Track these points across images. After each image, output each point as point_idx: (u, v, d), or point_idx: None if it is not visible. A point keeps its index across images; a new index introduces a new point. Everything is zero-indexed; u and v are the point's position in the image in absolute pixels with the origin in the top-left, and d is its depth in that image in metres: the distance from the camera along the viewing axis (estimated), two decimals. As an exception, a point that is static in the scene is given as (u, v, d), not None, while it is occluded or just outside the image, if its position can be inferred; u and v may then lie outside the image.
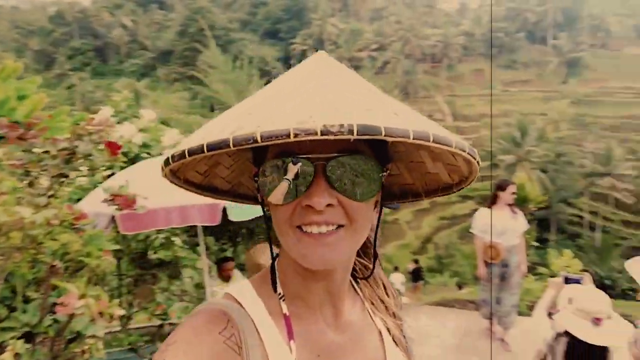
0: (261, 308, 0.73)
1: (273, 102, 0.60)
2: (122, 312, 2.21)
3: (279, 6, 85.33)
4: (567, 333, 2.74)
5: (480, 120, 54.72)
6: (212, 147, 0.55)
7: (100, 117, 2.11)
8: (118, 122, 5.02)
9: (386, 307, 0.86)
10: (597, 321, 2.61)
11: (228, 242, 6.75)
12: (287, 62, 79.63)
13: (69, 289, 1.90)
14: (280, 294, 0.74)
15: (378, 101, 0.62)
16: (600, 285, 3.33)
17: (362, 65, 74.70)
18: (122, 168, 4.38)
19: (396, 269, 17.47)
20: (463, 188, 0.76)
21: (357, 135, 0.51)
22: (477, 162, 0.66)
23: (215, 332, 0.67)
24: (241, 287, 0.77)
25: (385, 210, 0.78)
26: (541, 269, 11.19)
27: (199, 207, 3.50)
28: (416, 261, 19.17)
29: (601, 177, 40.93)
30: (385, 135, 0.52)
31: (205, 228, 4.72)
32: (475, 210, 5.77)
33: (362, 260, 0.85)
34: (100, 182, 4.16)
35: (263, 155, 0.68)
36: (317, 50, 0.73)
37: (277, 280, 0.74)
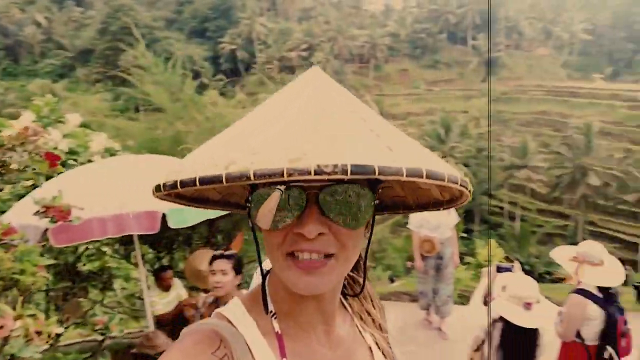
0: (253, 327, 0.72)
1: (266, 132, 0.60)
2: (60, 330, 2.10)
3: (206, 4, 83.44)
4: (501, 319, 2.95)
5: (407, 118, 56.72)
6: (204, 181, 0.55)
7: (33, 126, 1.98)
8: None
9: (374, 320, 0.87)
10: (528, 306, 2.84)
11: (164, 250, 6.52)
12: (216, 61, 78.15)
13: (4, 310, 1.77)
14: (272, 312, 0.74)
15: (371, 132, 0.61)
16: (521, 271, 3.62)
17: (293, 65, 74.94)
18: (47, 178, 4.11)
19: None
20: (453, 207, 0.76)
21: (351, 175, 0.52)
22: (470, 191, 0.67)
23: (208, 352, 0.67)
24: (232, 306, 0.76)
25: None
26: (469, 259, 11.80)
27: (137, 215, 3.37)
28: None
29: (518, 170, 43.74)
30: (378, 175, 0.52)
31: (140, 236, 4.55)
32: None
33: (352, 275, 0.86)
34: (22, 193, 3.88)
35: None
36: (246, 50, 0.73)
37: (269, 299, 0.74)
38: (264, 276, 0.77)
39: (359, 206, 0.63)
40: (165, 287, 4.84)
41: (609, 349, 3.25)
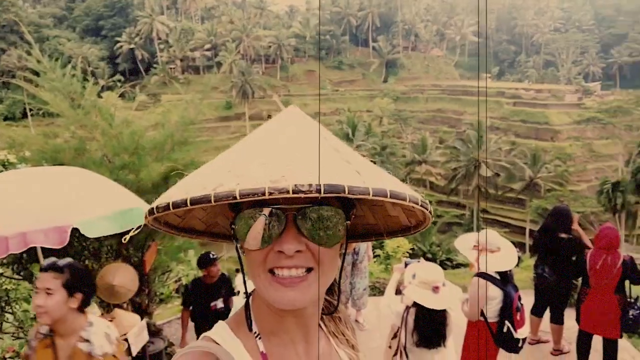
0: (240, 347, 0.77)
1: (249, 160, 0.67)
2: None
3: (100, 1, 78.40)
4: (414, 304, 3.21)
5: (315, 118, 57.51)
6: (195, 201, 0.62)
7: None
8: None
9: (347, 339, 0.93)
10: (435, 289, 3.14)
11: (70, 266, 6.14)
12: (113, 61, 73.85)
13: None
14: (256, 332, 0.79)
15: (342, 160, 0.70)
16: (424, 259, 3.98)
17: (197, 65, 72.96)
18: None
19: (237, 270, 17.78)
20: (420, 231, 0.86)
21: (324, 194, 0.58)
22: (430, 212, 0.75)
23: None
24: (218, 328, 0.81)
25: None
26: (377, 251, 12.37)
27: (45, 231, 3.18)
28: None
29: (419, 165, 46.33)
30: (348, 194, 0.59)
31: (42, 253, 4.25)
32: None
33: (327, 297, 0.92)
34: None
35: (239, 203, 0.70)
36: (146, 49, 0.77)
37: (253, 319, 0.79)
38: (247, 297, 0.81)
39: (333, 225, 0.70)
40: (75, 303, 4.55)
41: (507, 324, 3.66)
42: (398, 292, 3.67)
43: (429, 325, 3.18)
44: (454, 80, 76.60)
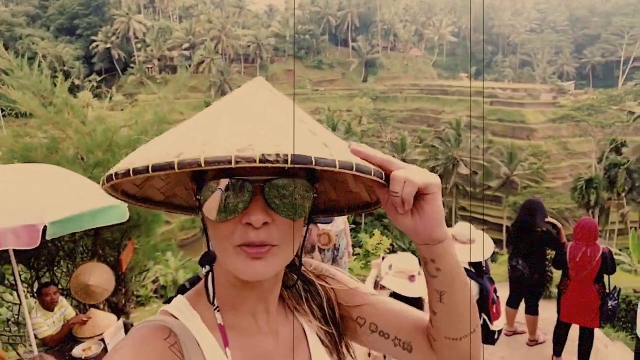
0: (198, 320, 0.78)
1: (214, 129, 0.65)
2: None
3: (75, 0, 76.91)
4: (392, 295, 3.25)
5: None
6: (157, 168, 0.59)
7: None
8: None
9: (312, 312, 0.91)
10: (411, 278, 3.19)
11: (43, 267, 5.99)
12: (89, 60, 72.58)
13: None
14: (215, 305, 0.78)
15: (308, 131, 0.68)
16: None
17: (175, 64, 72.20)
18: None
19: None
20: (379, 207, 0.84)
21: (291, 164, 0.57)
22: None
23: (161, 338, 0.72)
24: (176, 303, 0.81)
25: None
26: (357, 249, 12.46)
27: (15, 230, 3.10)
28: None
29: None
30: (315, 165, 0.58)
31: (14, 255, 4.15)
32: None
33: (286, 271, 0.90)
34: None
35: (202, 173, 0.70)
36: (122, 49, 0.75)
37: (211, 292, 0.78)
38: (207, 272, 0.80)
39: (300, 197, 0.70)
40: (49, 304, 4.45)
41: (483, 316, 3.72)
42: (376, 287, 3.71)
43: None
44: (432, 80, 77.44)
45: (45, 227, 3.26)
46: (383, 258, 3.86)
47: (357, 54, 79.81)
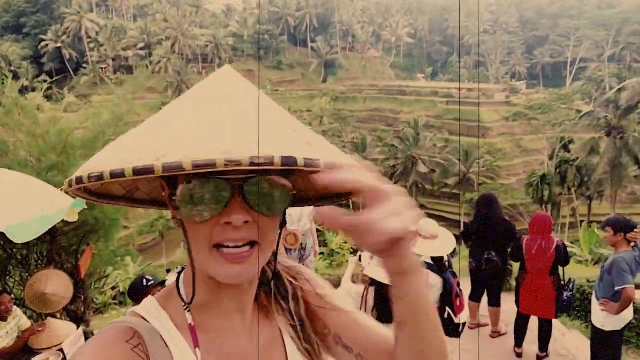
0: (166, 320, 0.76)
1: (192, 127, 0.62)
2: None
3: (21, -3, 73.59)
4: (372, 284, 3.34)
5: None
6: (138, 172, 0.56)
7: None
8: None
9: (291, 314, 0.89)
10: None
11: (-6, 277, 5.71)
12: (38, 61, 69.62)
13: None
14: (185, 305, 0.77)
15: (289, 128, 0.67)
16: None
17: (130, 64, 70.30)
18: None
19: (168, 271, 17.69)
20: (351, 198, 0.81)
21: (280, 166, 0.57)
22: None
23: (123, 340, 0.70)
24: (145, 303, 0.79)
25: (170, 215, 0.81)
26: (322, 249, 12.49)
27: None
28: None
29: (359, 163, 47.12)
30: (304, 166, 0.58)
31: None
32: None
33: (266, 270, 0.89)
34: None
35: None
36: (74, 49, 0.69)
37: (183, 292, 0.78)
38: (179, 272, 0.80)
39: (279, 195, 0.68)
40: (3, 315, 4.23)
41: (448, 309, 3.80)
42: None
43: (388, 301, 3.31)
44: (390, 81, 78.52)
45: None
46: (360, 257, 3.96)
47: (316, 55, 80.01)
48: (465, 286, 5.48)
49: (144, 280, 3.94)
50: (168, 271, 18.92)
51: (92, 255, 5.85)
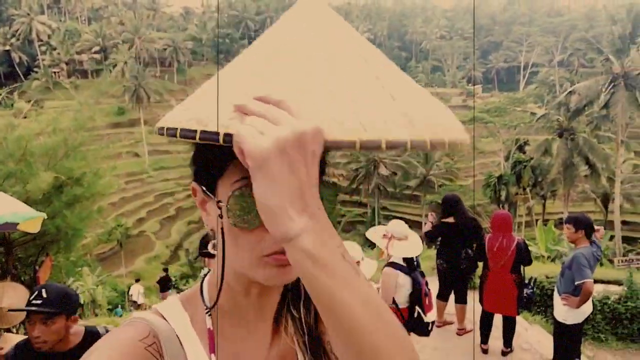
0: (186, 322, 0.75)
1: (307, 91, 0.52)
2: None
3: (-36, -2, 70.17)
4: None
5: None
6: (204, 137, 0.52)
7: None
8: None
9: (300, 322, 0.85)
10: (357, 263, 3.34)
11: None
12: (-15, 64, 66.47)
13: None
14: (206, 308, 0.75)
15: (388, 95, 0.55)
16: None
17: (85, 68, 68.21)
18: None
19: (137, 280, 17.25)
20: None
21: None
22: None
23: (136, 339, 0.69)
24: (169, 302, 0.78)
25: (128, 223, 0.71)
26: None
27: None
28: (166, 270, 18.75)
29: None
30: (386, 148, 0.51)
31: None
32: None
33: None
34: None
35: (221, 173, 0.64)
36: (24, 52, 0.60)
37: (206, 296, 0.77)
38: (204, 274, 0.78)
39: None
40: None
41: (417, 309, 3.89)
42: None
43: None
44: (351, 84, 79.18)
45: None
46: None
47: (277, 59, 79.85)
48: (433, 286, 5.63)
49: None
50: (165, 270, 18.30)
51: (51, 266, 5.63)
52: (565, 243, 11.31)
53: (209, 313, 0.75)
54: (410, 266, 4.02)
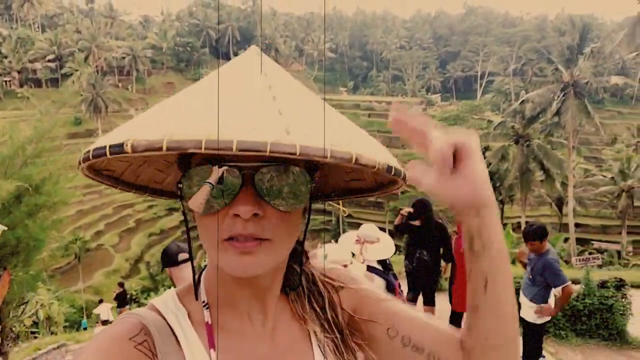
0: (184, 317, 0.72)
1: (209, 107, 0.55)
2: None
3: None
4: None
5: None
6: (140, 148, 0.51)
7: None
8: None
9: (317, 316, 0.83)
10: (344, 267, 3.37)
11: None
12: None
13: None
14: (204, 302, 0.73)
15: (339, 120, 0.64)
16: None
17: (39, 77, 65.87)
18: None
19: (101, 301, 16.62)
20: (374, 195, 0.80)
21: (331, 158, 0.53)
22: (404, 180, 0.71)
23: (126, 337, 0.67)
24: (165, 296, 0.76)
25: (86, 237, 0.69)
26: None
27: None
28: (121, 284, 18.00)
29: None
30: (330, 158, 0.53)
31: None
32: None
33: (293, 267, 0.82)
34: None
35: (187, 160, 0.65)
36: None
37: (202, 289, 0.74)
38: (201, 268, 0.77)
39: (295, 188, 0.63)
40: None
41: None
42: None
43: None
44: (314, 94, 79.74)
45: None
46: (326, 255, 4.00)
47: (239, 68, 79.55)
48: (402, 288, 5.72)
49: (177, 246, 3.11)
50: (121, 285, 17.61)
51: (9, 281, 5.40)
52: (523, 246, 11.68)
53: (207, 307, 0.73)
54: (384, 268, 4.07)
